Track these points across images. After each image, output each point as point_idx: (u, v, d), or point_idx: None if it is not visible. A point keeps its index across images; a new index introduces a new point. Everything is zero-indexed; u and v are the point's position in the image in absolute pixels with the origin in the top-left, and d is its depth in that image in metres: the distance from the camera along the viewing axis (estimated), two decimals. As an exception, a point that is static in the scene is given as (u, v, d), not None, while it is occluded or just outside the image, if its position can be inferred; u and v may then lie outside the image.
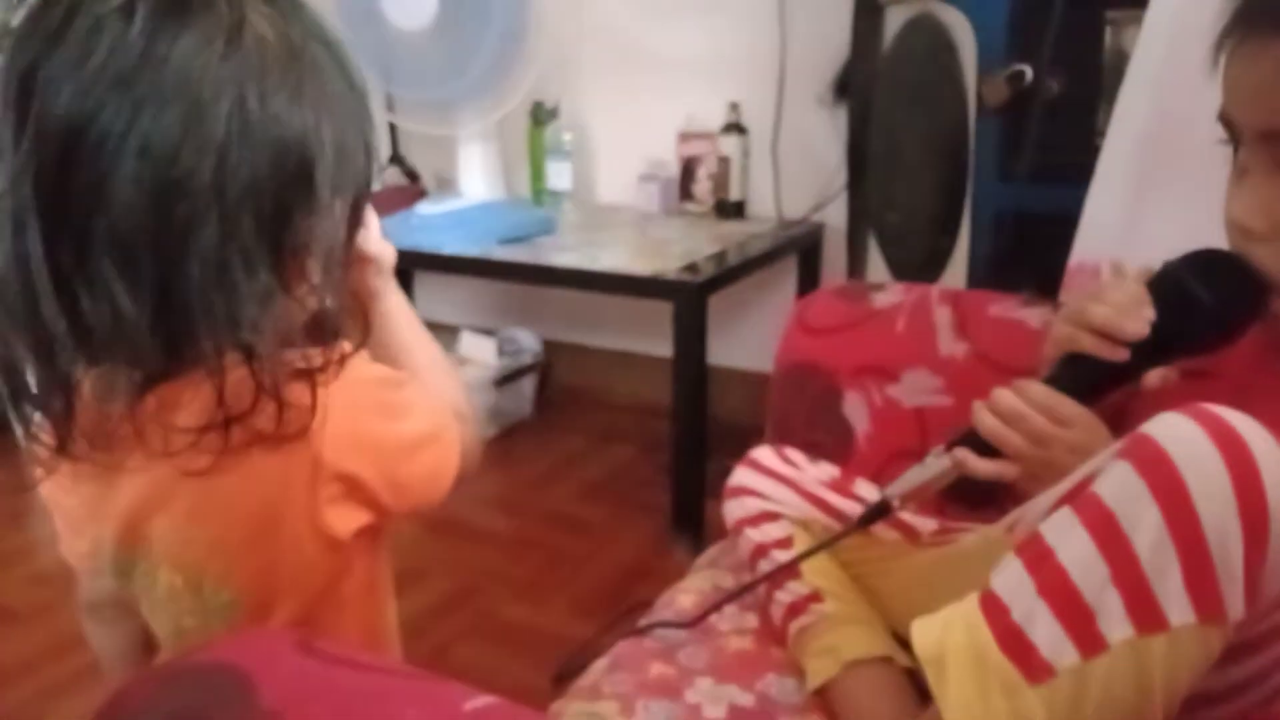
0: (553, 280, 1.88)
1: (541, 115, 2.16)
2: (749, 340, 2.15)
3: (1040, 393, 0.70)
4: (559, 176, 2.16)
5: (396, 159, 2.35)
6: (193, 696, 0.48)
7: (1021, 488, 0.72)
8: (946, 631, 0.56)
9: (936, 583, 0.78)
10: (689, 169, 2.09)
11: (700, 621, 0.88)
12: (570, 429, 2.22)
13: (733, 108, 2.02)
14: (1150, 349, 0.68)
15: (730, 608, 0.90)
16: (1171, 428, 0.53)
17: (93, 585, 0.74)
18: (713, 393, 1.81)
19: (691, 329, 1.66)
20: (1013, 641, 0.53)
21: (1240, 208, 0.64)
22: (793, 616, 0.84)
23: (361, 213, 0.64)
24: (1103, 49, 1.19)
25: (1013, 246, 1.30)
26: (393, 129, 2.29)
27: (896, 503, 0.75)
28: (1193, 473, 0.51)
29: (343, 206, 0.60)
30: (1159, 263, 0.71)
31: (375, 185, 0.64)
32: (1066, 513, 0.55)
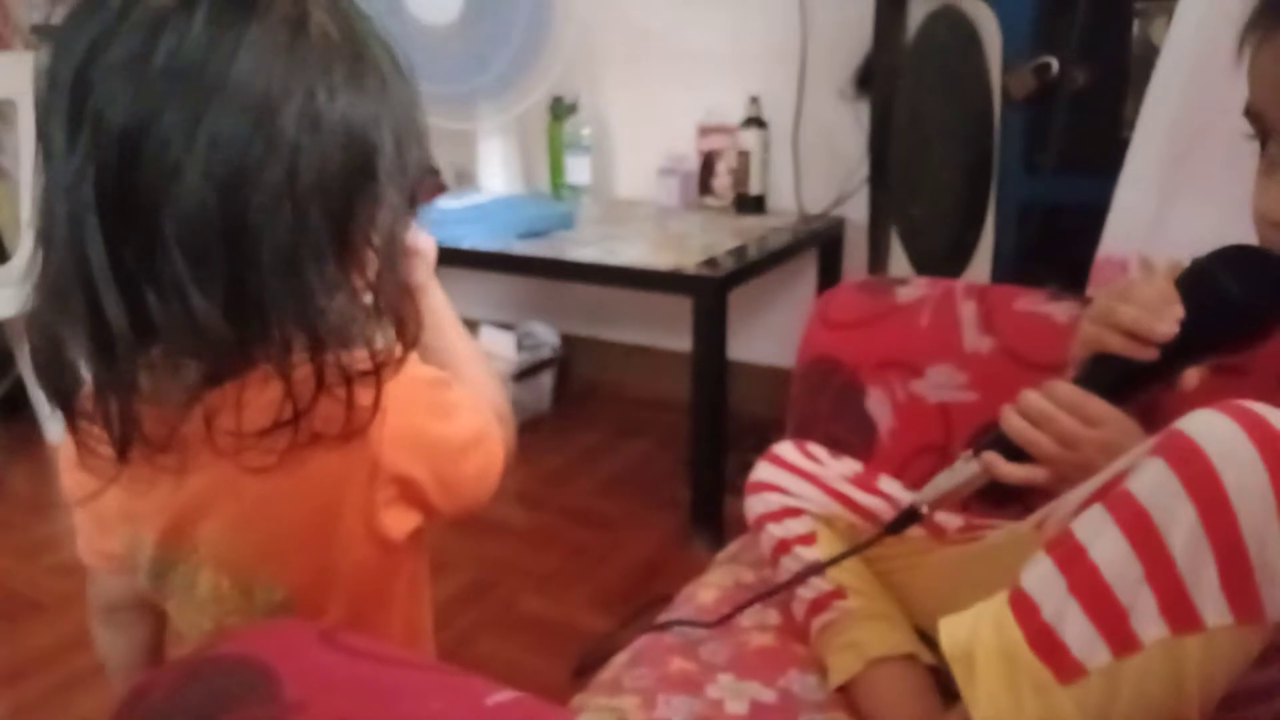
0: (572, 275, 1.88)
1: (561, 110, 2.16)
2: (768, 335, 2.14)
3: (1069, 393, 0.68)
4: (578, 171, 2.16)
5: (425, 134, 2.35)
6: (216, 688, 0.48)
7: (1051, 488, 0.71)
8: (975, 630, 0.55)
9: (963, 579, 0.77)
10: (708, 163, 2.08)
11: (724, 622, 0.87)
12: (589, 423, 2.22)
13: (753, 101, 2.01)
14: (1180, 347, 0.67)
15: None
16: (1207, 424, 0.51)
17: (111, 587, 0.73)
18: (732, 387, 1.80)
19: (712, 324, 1.65)
20: (1043, 640, 0.52)
21: (1270, 201, 0.63)
22: (815, 613, 0.83)
23: (415, 203, 0.62)
24: (1130, 40, 1.17)
25: (1038, 240, 1.28)
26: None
27: (925, 509, 0.74)
28: (1230, 470, 0.49)
29: (399, 197, 0.59)
30: (1188, 257, 0.70)
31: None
32: (1099, 510, 0.54)
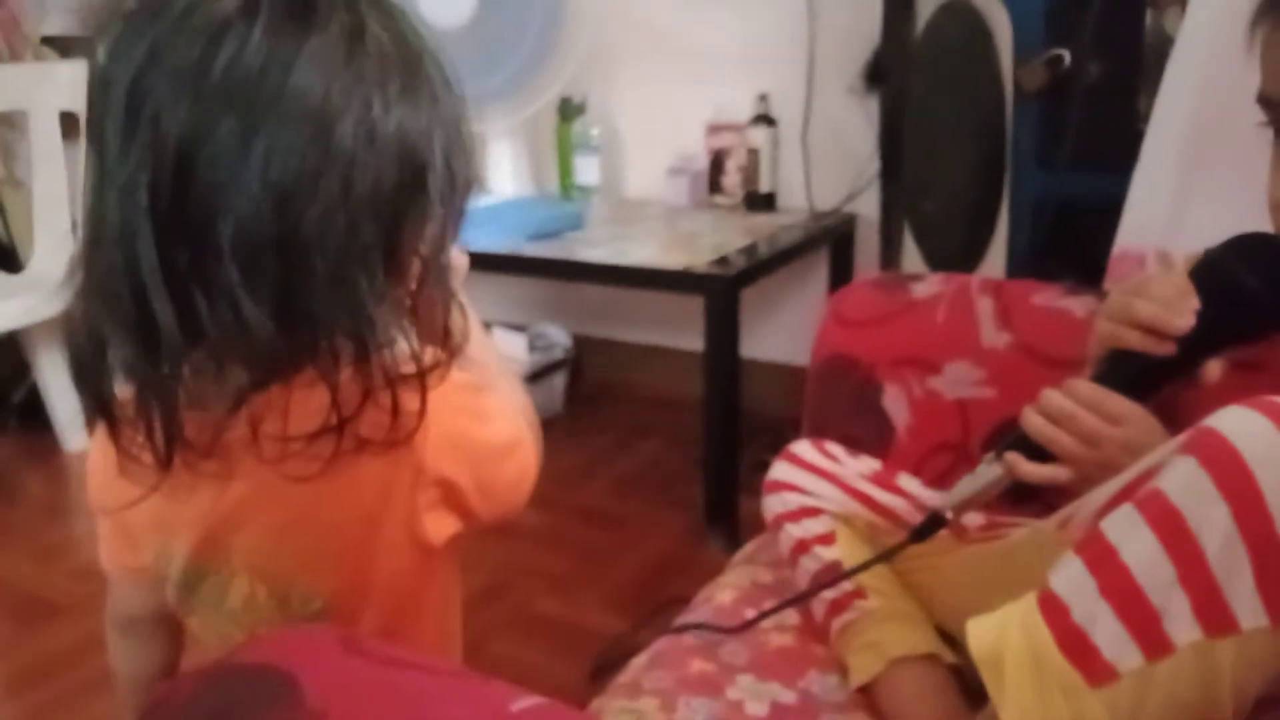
0: (582, 276, 1.87)
1: (569, 110, 2.16)
2: (781, 333, 2.13)
3: (1089, 390, 0.68)
4: (587, 171, 2.15)
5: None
6: (237, 695, 0.48)
7: (1074, 487, 0.70)
8: (1003, 632, 0.54)
9: (985, 579, 0.77)
10: (718, 161, 2.07)
11: (746, 629, 0.87)
12: (602, 424, 2.22)
13: (761, 99, 2.00)
14: (1198, 340, 0.66)
15: (771, 603, 0.89)
16: (1240, 422, 0.50)
17: (133, 599, 0.73)
18: (745, 386, 1.79)
19: (723, 323, 1.65)
20: (1074, 643, 0.52)
21: None
22: (835, 613, 0.83)
23: (462, 216, 0.62)
24: (1144, 31, 1.16)
25: (1053, 235, 1.27)
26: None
27: (950, 514, 0.73)
28: (1265, 470, 0.48)
29: (447, 210, 0.59)
30: (1205, 250, 0.70)
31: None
32: (1129, 510, 0.53)
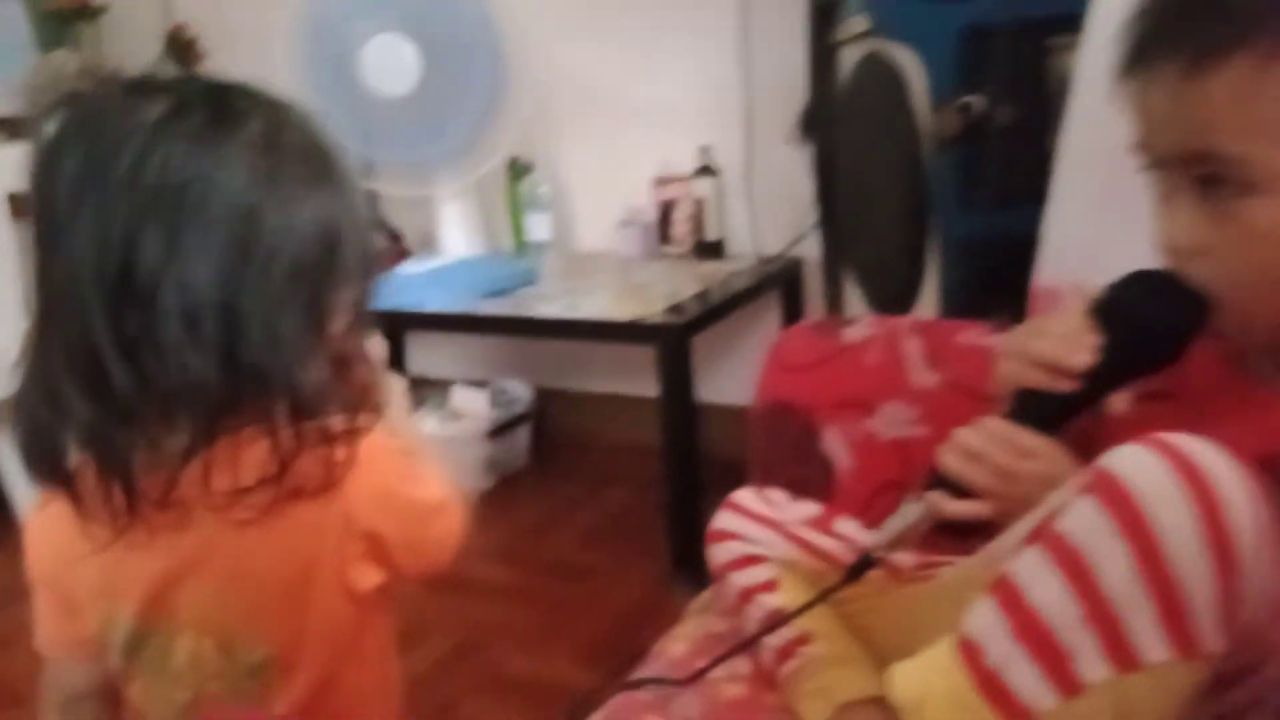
0: (537, 331, 1.90)
1: (518, 169, 2.20)
2: (738, 376, 2.15)
3: (998, 427, 0.69)
4: (539, 228, 2.19)
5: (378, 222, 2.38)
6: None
7: (1000, 520, 0.72)
8: (925, 677, 0.56)
9: (919, 618, 0.78)
10: (666, 212, 2.12)
11: (695, 680, 0.88)
12: (567, 476, 2.23)
13: (703, 150, 2.06)
14: (1102, 374, 0.68)
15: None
16: (1133, 461, 0.52)
17: (75, 676, 0.74)
18: (706, 430, 1.82)
19: (677, 370, 1.68)
20: (990, 685, 0.53)
21: (1172, 228, 0.64)
22: (783, 660, 0.84)
23: (372, 280, 0.71)
24: (1047, 74, 1.21)
25: (982, 273, 1.31)
26: (372, 193, 2.33)
27: (880, 554, 0.75)
28: (1158, 508, 0.50)
29: (359, 278, 0.68)
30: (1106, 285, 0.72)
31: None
32: (1036, 551, 0.54)
